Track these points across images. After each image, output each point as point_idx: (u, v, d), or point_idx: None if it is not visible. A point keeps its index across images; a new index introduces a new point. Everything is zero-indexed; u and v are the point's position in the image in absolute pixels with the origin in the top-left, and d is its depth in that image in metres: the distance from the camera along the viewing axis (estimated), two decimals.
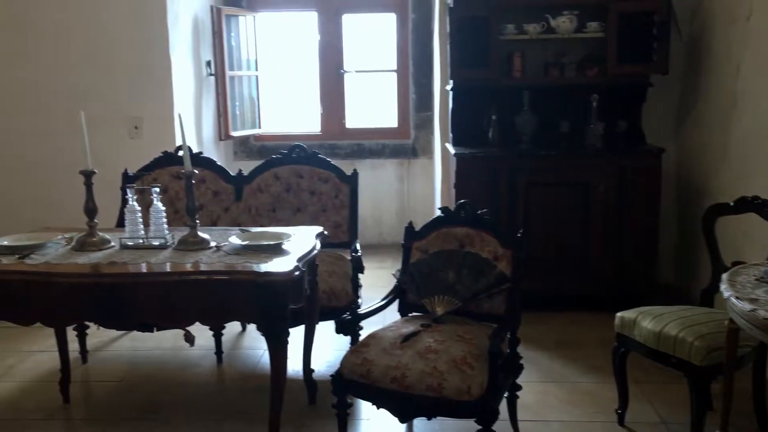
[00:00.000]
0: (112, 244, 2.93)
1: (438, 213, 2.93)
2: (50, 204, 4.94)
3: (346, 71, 6.27)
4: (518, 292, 2.85)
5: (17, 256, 2.75)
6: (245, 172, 4.06)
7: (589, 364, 3.68)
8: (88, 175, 2.91)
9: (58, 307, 2.68)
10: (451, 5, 4.49)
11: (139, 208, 2.96)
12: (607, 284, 4.35)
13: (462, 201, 3.03)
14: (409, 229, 3.12)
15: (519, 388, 2.92)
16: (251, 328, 4.21)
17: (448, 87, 4.78)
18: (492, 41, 4.45)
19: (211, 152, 5.47)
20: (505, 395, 2.82)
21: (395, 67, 6.25)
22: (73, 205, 4.22)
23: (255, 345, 4.05)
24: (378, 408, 2.64)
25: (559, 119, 4.60)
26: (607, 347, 3.39)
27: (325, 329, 3.56)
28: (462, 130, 4.73)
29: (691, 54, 4.62)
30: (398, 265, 5.37)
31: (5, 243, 2.88)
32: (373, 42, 6.43)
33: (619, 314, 3.02)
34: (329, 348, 3.96)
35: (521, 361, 2.89)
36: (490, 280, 2.86)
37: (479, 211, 2.98)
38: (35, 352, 3.96)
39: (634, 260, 4.33)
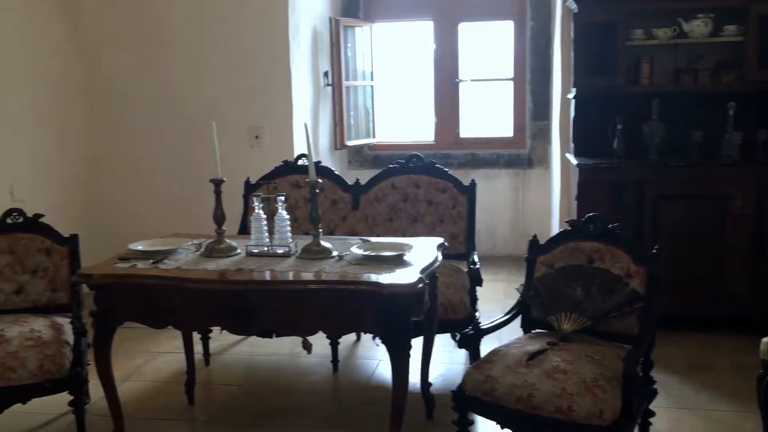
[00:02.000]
0: (239, 251, 2.99)
1: (556, 225, 2.83)
2: (177, 210, 5.16)
3: (461, 80, 6.21)
4: (652, 312, 2.68)
5: (151, 261, 2.86)
6: (362, 182, 4.06)
7: (725, 391, 3.43)
8: (217, 184, 2.98)
9: (189, 311, 2.76)
10: (576, 11, 4.34)
11: (264, 216, 3.01)
12: (743, 305, 4.05)
13: (591, 214, 2.89)
14: (534, 242, 3.00)
15: (652, 414, 2.74)
16: (366, 337, 4.21)
17: (570, 95, 4.61)
18: (619, 47, 4.27)
19: (326, 161, 5.55)
20: (638, 421, 2.65)
21: (512, 76, 6.13)
22: (197, 212, 4.40)
23: (370, 355, 4.04)
24: (502, 428, 2.55)
25: (690, 129, 4.34)
26: (744, 373, 3.15)
27: (439, 342, 3.49)
28: (584, 139, 4.55)
29: None
30: (512, 278, 5.32)
31: (140, 248, 3.00)
32: (489, 50, 6.34)
33: (765, 339, 2.77)
34: (443, 361, 3.89)
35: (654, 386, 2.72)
36: (622, 299, 2.70)
37: (610, 225, 2.83)
38: (161, 353, 4.13)
39: None
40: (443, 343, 3.87)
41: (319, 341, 3.73)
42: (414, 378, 3.29)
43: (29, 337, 2.94)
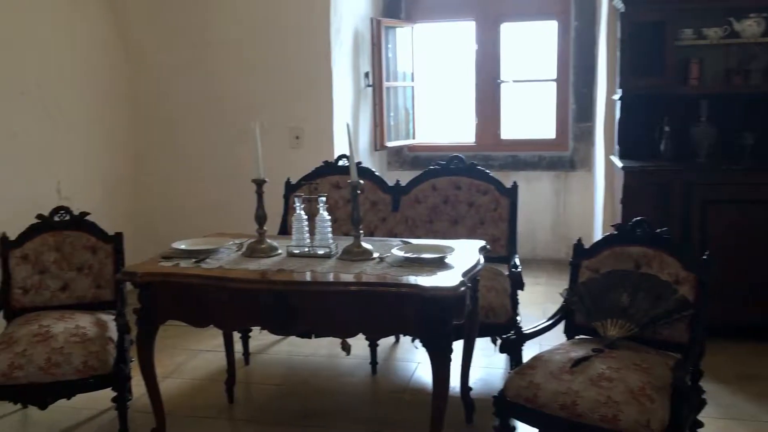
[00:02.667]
0: (279, 251, 2.99)
1: (599, 229, 2.78)
2: (219, 209, 5.21)
3: (502, 81, 6.14)
4: (702, 320, 2.61)
5: (194, 260, 2.87)
6: (402, 183, 4.04)
7: None
8: (260, 184, 2.98)
9: (230, 310, 2.77)
10: (623, 10, 4.25)
11: (306, 217, 3.01)
12: None
13: (639, 218, 2.82)
14: (578, 246, 2.94)
15: (700, 425, 2.65)
16: (405, 339, 4.19)
17: (616, 96, 4.52)
18: (667, 47, 4.17)
19: (366, 162, 5.54)
20: None
21: (554, 77, 6.05)
22: (238, 211, 4.42)
23: (409, 357, 4.02)
24: None
25: (741, 131, 4.21)
26: None
27: (478, 345, 3.44)
28: (630, 142, 4.45)
29: None
30: (553, 282, 5.24)
31: (183, 247, 3.02)
32: (531, 51, 6.26)
33: None
34: (482, 365, 3.84)
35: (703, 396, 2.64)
36: (670, 306, 2.63)
37: (658, 230, 2.76)
38: (202, 351, 4.16)
39: None
40: (482, 346, 3.81)
41: (358, 342, 3.70)
42: (453, 381, 3.26)
43: (74, 334, 2.99)
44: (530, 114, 6.38)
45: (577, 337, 2.86)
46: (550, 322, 2.85)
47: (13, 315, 3.26)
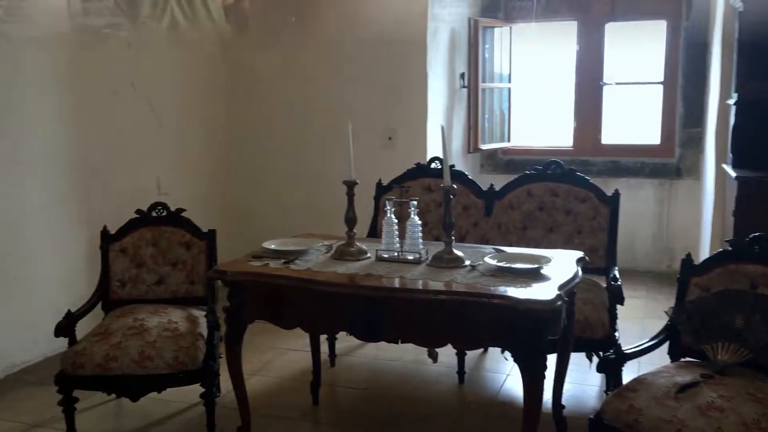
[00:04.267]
0: (368, 255, 2.93)
1: (707, 242, 2.58)
2: (310, 209, 5.24)
3: (605, 83, 5.88)
4: None
5: (283, 260, 2.86)
6: (496, 187, 3.91)
7: None
8: (351, 186, 2.94)
9: (318, 313, 2.73)
10: (741, 9, 3.95)
11: (396, 221, 2.94)
12: None
13: (757, 234, 2.59)
14: (688, 261, 2.74)
15: None
16: (494, 349, 4.05)
17: (731, 101, 4.22)
18: None
19: (458, 164, 5.39)
20: None
21: (662, 79, 5.74)
22: (328, 211, 4.42)
23: (497, 368, 3.89)
24: None
25: None
26: None
27: (572, 360, 3.28)
28: (745, 149, 4.13)
29: None
30: (653, 296, 4.96)
31: (273, 247, 3.01)
32: (637, 52, 5.97)
33: None
34: (576, 381, 3.65)
35: None
36: None
37: None
38: (290, 350, 4.17)
39: None
40: (576, 362, 3.63)
41: (445, 350, 3.60)
42: (544, 396, 3.11)
43: (167, 328, 3.04)
44: (633, 118, 6.09)
45: (682, 359, 2.67)
46: (653, 342, 2.67)
47: (110, 307, 3.36)
